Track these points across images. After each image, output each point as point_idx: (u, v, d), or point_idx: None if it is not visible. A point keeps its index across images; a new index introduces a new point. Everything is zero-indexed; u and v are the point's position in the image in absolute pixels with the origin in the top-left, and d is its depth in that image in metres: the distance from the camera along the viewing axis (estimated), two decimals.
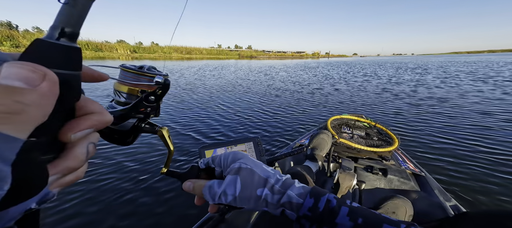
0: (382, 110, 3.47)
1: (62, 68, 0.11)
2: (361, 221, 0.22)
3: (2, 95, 0.09)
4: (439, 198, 0.89)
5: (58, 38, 0.11)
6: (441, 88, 5.32)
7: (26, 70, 0.10)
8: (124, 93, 0.27)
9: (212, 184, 0.27)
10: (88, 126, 0.14)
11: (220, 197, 0.26)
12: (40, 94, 0.10)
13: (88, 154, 0.14)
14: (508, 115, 2.95)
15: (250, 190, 0.25)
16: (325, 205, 0.24)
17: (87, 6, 0.12)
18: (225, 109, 3.51)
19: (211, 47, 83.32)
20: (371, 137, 1.34)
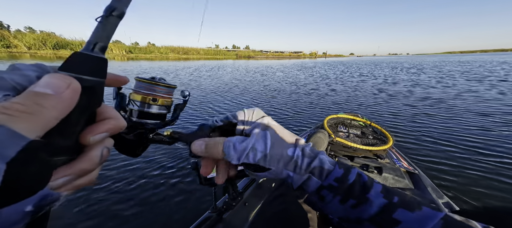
0: (377, 109, 3.51)
1: (91, 75, 0.13)
2: (397, 199, 0.20)
3: (28, 98, 0.11)
4: (432, 196, 0.91)
5: (91, 50, 0.14)
6: (435, 87, 5.42)
7: (56, 79, 0.11)
8: (137, 101, 0.29)
9: (234, 140, 0.22)
10: (106, 130, 0.15)
11: (247, 154, 0.22)
12: (61, 99, 0.11)
13: (101, 158, 0.15)
14: (500, 114, 3.03)
15: (282, 148, 0.22)
16: (356, 178, 0.22)
17: (115, 24, 0.15)
18: (221, 110, 3.51)
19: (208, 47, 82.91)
20: (366, 136, 1.36)
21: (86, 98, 0.13)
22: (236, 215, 0.78)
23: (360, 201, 0.21)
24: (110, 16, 0.15)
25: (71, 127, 0.13)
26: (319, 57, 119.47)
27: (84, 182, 0.15)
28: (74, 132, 0.13)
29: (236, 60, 40.48)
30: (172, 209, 1.27)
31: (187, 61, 27.44)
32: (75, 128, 0.13)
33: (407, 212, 0.19)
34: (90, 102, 0.14)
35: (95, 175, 0.16)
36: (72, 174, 0.13)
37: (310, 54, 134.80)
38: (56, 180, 0.13)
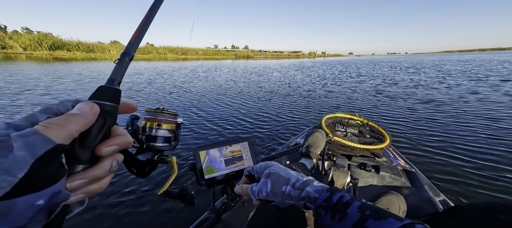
0: (374, 108, 3.53)
1: (109, 101, 0.19)
2: (368, 212, 0.27)
3: (63, 116, 0.16)
4: (428, 193, 0.91)
5: (111, 83, 0.20)
6: (432, 86, 5.45)
7: (85, 105, 0.17)
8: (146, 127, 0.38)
9: (252, 185, 0.39)
10: (116, 144, 0.19)
11: (258, 194, 0.36)
12: (83, 117, 0.16)
13: (111, 168, 0.19)
14: (495, 113, 3.05)
15: (277, 188, 0.35)
16: (338, 198, 0.31)
17: (127, 64, 0.22)
18: (219, 110, 3.51)
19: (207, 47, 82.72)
20: (363, 135, 1.37)
21: (104, 118, 0.18)
22: (235, 216, 0.78)
23: (342, 215, 0.29)
24: (123, 59, 0.22)
25: (91, 140, 0.17)
26: (318, 56, 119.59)
27: (95, 188, 0.18)
28: (92, 144, 0.17)
29: (235, 60, 40.41)
30: (171, 210, 1.27)
31: (186, 61, 27.30)
32: (94, 141, 0.18)
33: (375, 221, 0.26)
34: (106, 121, 0.19)
35: (105, 183, 0.19)
36: (86, 178, 0.17)
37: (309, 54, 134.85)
38: (73, 182, 0.16)
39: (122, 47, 35.22)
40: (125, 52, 0.22)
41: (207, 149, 0.59)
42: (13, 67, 9.39)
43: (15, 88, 4.74)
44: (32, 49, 32.29)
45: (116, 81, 0.21)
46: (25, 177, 0.13)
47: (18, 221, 0.13)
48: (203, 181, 0.57)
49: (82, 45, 36.06)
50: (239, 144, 0.64)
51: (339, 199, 0.31)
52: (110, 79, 0.20)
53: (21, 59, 16.92)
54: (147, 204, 1.32)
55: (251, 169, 0.42)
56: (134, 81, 6.71)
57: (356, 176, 1.00)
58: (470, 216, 0.27)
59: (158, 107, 0.38)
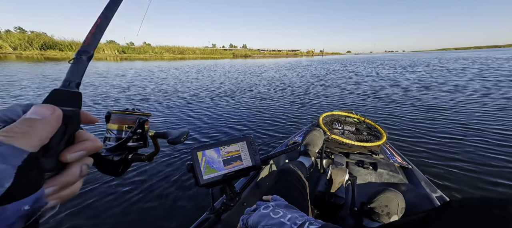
0: (370, 106, 3.55)
1: (69, 105, 0.17)
2: None
3: (21, 123, 0.15)
4: (425, 190, 0.92)
5: (68, 86, 0.18)
6: (429, 83, 5.51)
7: (42, 107, 0.16)
8: (114, 130, 0.35)
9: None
10: (82, 149, 0.18)
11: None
12: (47, 122, 0.15)
13: (81, 173, 0.18)
14: (492, 109, 3.10)
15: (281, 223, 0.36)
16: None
17: (85, 64, 0.20)
18: (216, 110, 3.50)
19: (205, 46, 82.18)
20: (361, 132, 1.38)
21: (64, 124, 0.17)
22: (235, 216, 0.77)
23: None
24: (80, 58, 0.20)
25: (53, 147, 0.16)
26: (316, 55, 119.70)
27: (68, 193, 0.18)
28: (56, 151, 0.17)
29: (232, 59, 40.24)
30: (170, 212, 1.26)
31: (182, 60, 27.04)
32: (57, 148, 0.17)
33: None
34: (68, 127, 0.17)
35: (77, 187, 0.19)
36: (56, 185, 0.17)
37: (307, 52, 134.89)
38: (46, 188, 0.16)
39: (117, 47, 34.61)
40: (81, 50, 0.20)
41: (205, 150, 0.59)
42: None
43: None
44: (22, 49, 31.57)
45: (74, 83, 0.19)
46: (12, 186, 0.13)
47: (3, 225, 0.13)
48: (202, 181, 0.56)
49: (75, 44, 35.43)
50: (237, 143, 0.64)
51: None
52: (66, 81, 0.19)
53: (11, 59, 16.50)
54: (147, 206, 1.31)
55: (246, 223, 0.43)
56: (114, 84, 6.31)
57: (354, 173, 1.01)
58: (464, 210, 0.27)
59: (127, 108, 0.36)
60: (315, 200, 0.81)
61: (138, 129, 0.35)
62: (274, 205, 0.44)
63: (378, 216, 0.66)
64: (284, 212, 0.39)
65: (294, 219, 0.36)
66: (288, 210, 0.41)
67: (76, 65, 0.19)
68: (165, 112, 3.28)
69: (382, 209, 0.66)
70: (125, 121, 0.35)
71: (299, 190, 0.65)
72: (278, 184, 0.67)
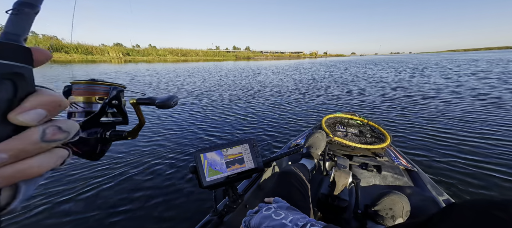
0: (373, 108, 3.51)
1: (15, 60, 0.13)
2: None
3: None
4: (431, 193, 0.90)
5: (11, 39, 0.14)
6: (434, 85, 5.40)
7: None
8: (80, 103, 0.29)
9: None
10: (36, 105, 0.13)
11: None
12: None
13: (44, 136, 0.13)
14: (496, 111, 3.01)
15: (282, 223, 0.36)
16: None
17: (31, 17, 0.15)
18: (218, 113, 3.52)
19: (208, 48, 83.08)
20: (364, 135, 1.36)
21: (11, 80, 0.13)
22: (237, 218, 0.78)
23: None
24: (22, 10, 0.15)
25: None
26: (320, 57, 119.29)
27: (28, 167, 0.13)
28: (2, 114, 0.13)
29: (235, 61, 40.45)
30: (173, 214, 1.27)
31: (185, 63, 27.33)
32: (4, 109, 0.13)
33: None
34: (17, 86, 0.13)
35: (45, 162, 0.14)
36: (6, 151, 0.12)
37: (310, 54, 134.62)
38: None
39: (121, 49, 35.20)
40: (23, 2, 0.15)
41: (208, 152, 0.59)
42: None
43: None
44: None
45: (21, 38, 0.15)
46: None
47: None
48: (205, 183, 0.57)
49: (80, 47, 35.82)
50: (240, 146, 0.64)
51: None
52: (7, 33, 0.14)
53: None
54: (149, 207, 1.33)
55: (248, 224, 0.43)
56: None
57: (357, 176, 1.00)
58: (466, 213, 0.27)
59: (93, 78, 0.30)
60: (318, 202, 0.80)
61: (113, 100, 0.29)
62: (276, 206, 0.44)
63: (383, 219, 0.65)
64: (286, 214, 0.40)
65: (296, 221, 0.36)
66: (290, 212, 0.41)
67: (17, 16, 0.15)
68: (164, 118, 3.32)
69: (387, 212, 0.65)
70: (95, 92, 0.29)
71: (301, 192, 0.65)
72: (280, 186, 0.67)
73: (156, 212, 1.29)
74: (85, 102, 0.29)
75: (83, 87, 0.30)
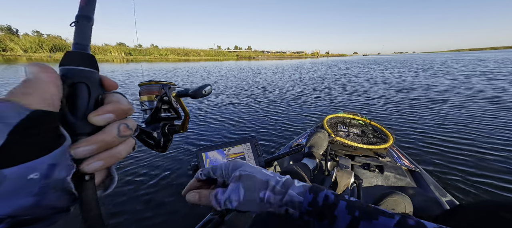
0: (376, 108, 3.48)
1: (86, 66, 0.17)
2: (358, 213, 0.24)
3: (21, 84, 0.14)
4: (435, 194, 0.89)
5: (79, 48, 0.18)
6: (437, 85, 5.34)
7: (34, 67, 0.15)
8: (146, 101, 0.35)
9: (217, 192, 0.29)
10: (108, 111, 0.17)
11: (225, 204, 0.28)
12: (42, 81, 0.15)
13: (119, 132, 0.17)
14: (501, 111, 2.96)
15: (253, 194, 0.28)
16: (324, 199, 0.26)
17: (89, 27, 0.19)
18: (220, 112, 3.53)
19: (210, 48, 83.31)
20: (366, 135, 1.35)
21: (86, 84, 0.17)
22: (238, 217, 0.78)
23: (331, 219, 0.25)
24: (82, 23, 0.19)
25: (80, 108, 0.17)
26: (322, 56, 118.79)
27: (109, 155, 0.17)
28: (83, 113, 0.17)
29: (237, 61, 40.47)
30: (174, 212, 1.27)
31: (186, 62, 27.41)
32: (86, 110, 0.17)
33: (366, 223, 0.23)
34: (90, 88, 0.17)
35: (121, 151, 0.18)
36: (92, 143, 0.16)
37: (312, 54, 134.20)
38: (77, 148, 0.16)
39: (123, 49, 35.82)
40: (79, 15, 0.19)
41: (210, 151, 0.59)
42: None
43: None
44: (32, 51, 32.96)
45: (86, 47, 0.18)
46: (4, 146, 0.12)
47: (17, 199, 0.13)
48: None
49: None
50: (242, 145, 0.65)
51: (325, 200, 0.26)
52: (76, 44, 0.18)
53: (22, 61, 17.10)
54: (149, 207, 1.33)
55: (211, 171, 0.32)
56: None
57: (359, 176, 0.99)
58: (473, 214, 0.27)
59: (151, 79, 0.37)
60: None
61: (164, 96, 0.35)
62: None
63: None
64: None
65: (276, 175, 0.31)
66: None
67: (80, 29, 0.19)
68: None
69: None
70: (153, 91, 0.35)
71: None
72: None
73: (156, 210, 1.29)
74: (149, 101, 0.35)
75: (144, 88, 0.36)
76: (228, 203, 0.28)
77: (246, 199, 0.27)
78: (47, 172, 0.14)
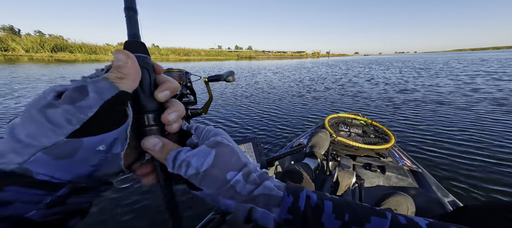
0: (377, 108, 3.47)
1: (143, 53, 0.21)
2: (348, 217, 0.19)
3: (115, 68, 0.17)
4: (437, 194, 0.89)
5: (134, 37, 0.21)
6: (439, 85, 5.31)
7: (121, 54, 0.18)
8: None
9: (181, 150, 0.21)
10: (166, 89, 0.21)
11: (180, 166, 0.20)
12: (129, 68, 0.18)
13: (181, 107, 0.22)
14: (503, 111, 2.94)
15: (221, 170, 0.20)
16: (306, 202, 0.20)
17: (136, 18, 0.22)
18: (220, 112, 3.53)
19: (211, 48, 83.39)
20: (368, 135, 1.35)
21: (146, 69, 0.20)
22: None
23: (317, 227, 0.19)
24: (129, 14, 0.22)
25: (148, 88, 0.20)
26: (322, 56, 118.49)
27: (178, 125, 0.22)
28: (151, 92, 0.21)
29: (237, 61, 40.48)
30: None
31: (187, 62, 27.45)
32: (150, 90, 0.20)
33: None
34: (149, 71, 0.21)
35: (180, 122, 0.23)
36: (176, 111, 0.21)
37: (312, 54, 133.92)
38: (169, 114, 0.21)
39: None
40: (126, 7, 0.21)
41: None
42: None
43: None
44: (34, 51, 33.06)
45: (138, 36, 0.21)
46: (94, 116, 0.15)
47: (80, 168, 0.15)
48: None
49: (84, 46, 36.64)
50: (243, 145, 0.64)
51: (307, 202, 0.20)
52: (132, 34, 0.21)
53: (23, 61, 17.07)
54: (150, 207, 1.33)
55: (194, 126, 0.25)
56: None
57: (361, 176, 0.99)
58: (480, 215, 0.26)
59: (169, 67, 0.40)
60: None
61: (187, 83, 0.38)
62: None
63: None
64: None
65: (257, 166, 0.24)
66: None
67: (130, 20, 0.21)
68: None
69: None
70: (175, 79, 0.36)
71: None
72: None
73: (156, 210, 1.30)
74: None
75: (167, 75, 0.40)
76: (183, 166, 0.20)
77: (208, 172, 0.20)
78: (111, 145, 0.16)
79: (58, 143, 0.14)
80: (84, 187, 0.17)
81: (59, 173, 0.15)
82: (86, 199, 0.18)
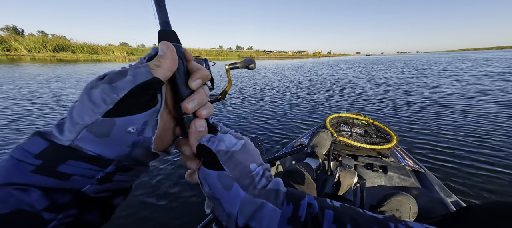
0: (378, 107, 3.45)
1: (175, 42, 0.21)
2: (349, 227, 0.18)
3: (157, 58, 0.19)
4: (439, 194, 0.88)
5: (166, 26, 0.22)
6: (441, 85, 5.26)
7: (164, 45, 0.19)
8: None
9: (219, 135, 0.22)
10: (198, 77, 0.22)
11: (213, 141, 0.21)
12: (168, 58, 0.19)
13: (206, 94, 0.23)
14: (506, 112, 2.91)
15: (245, 158, 0.21)
16: (307, 211, 0.19)
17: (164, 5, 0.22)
18: (221, 113, 3.53)
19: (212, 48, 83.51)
20: (369, 135, 1.34)
21: (180, 58, 0.21)
22: None
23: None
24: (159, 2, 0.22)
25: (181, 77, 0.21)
26: (323, 56, 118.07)
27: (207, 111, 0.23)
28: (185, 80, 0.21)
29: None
30: (177, 211, 1.28)
31: None
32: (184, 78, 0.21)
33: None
34: (182, 59, 0.21)
35: (211, 108, 0.24)
36: (195, 100, 0.22)
37: (313, 54, 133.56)
38: (189, 102, 0.21)
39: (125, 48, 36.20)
40: None
41: None
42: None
43: None
44: (36, 51, 33.29)
45: (169, 24, 0.22)
46: (124, 98, 0.16)
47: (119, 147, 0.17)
48: None
49: (86, 46, 36.76)
50: None
51: (308, 211, 0.19)
52: (163, 22, 0.21)
53: (26, 61, 17.07)
54: (153, 204, 1.34)
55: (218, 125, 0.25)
56: None
57: (363, 176, 0.98)
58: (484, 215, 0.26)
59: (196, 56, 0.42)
60: None
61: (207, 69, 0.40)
62: None
63: None
64: None
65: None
66: None
67: (160, 8, 0.22)
68: None
69: (393, 212, 0.64)
70: None
71: (306, 191, 0.64)
72: (285, 185, 0.67)
73: (159, 209, 1.30)
74: None
75: None
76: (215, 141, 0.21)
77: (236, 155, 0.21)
78: (142, 128, 0.18)
79: (96, 122, 0.16)
80: (127, 165, 0.18)
81: (104, 150, 0.17)
82: (129, 177, 0.20)
